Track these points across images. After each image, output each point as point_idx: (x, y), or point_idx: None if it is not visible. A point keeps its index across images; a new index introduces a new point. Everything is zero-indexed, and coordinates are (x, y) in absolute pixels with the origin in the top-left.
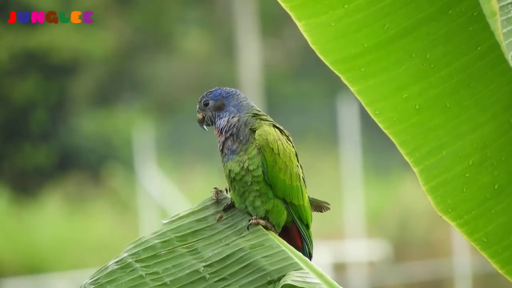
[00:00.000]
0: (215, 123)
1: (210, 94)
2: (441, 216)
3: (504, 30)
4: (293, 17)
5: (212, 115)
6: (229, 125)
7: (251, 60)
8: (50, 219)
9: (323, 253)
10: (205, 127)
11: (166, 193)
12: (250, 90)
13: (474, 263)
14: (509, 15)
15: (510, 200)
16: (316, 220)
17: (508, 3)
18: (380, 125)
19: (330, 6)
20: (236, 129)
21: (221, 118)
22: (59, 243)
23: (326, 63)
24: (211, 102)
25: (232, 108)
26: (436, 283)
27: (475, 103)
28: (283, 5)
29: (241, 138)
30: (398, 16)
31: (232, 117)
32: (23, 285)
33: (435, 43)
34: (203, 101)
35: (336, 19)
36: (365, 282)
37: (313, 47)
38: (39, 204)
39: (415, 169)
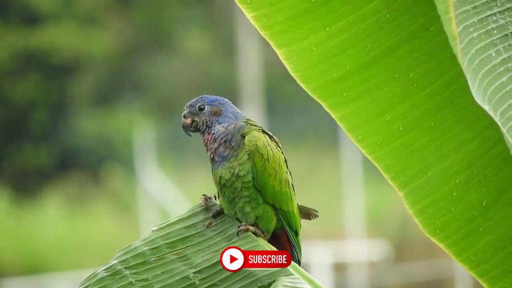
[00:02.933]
0: (211, 128)
1: (205, 99)
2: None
3: (481, 44)
4: (272, 45)
5: (209, 120)
6: (226, 132)
7: (251, 60)
8: (51, 219)
9: (324, 253)
10: (190, 132)
11: (166, 193)
12: (250, 90)
13: None
14: (488, 28)
15: (498, 216)
16: (317, 220)
17: (488, 15)
18: (363, 151)
19: (311, 30)
20: (231, 135)
21: (219, 123)
22: (60, 243)
23: (307, 90)
24: (207, 107)
25: (230, 115)
26: (436, 283)
27: (459, 121)
28: (262, 33)
29: (233, 144)
30: (381, 35)
31: (231, 123)
32: (23, 285)
33: (418, 61)
34: (197, 105)
35: (318, 43)
36: (365, 282)
37: (293, 75)
38: (40, 204)
39: (400, 193)
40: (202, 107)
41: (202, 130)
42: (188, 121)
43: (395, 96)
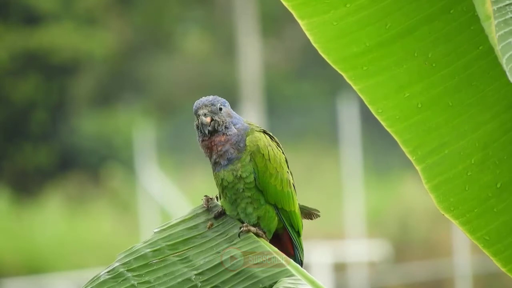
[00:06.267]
0: (228, 129)
1: (221, 99)
2: (442, 216)
3: (500, 32)
4: (295, 15)
5: (226, 121)
6: (238, 134)
7: (251, 60)
8: (51, 219)
9: (324, 253)
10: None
11: (167, 193)
12: (250, 90)
13: (474, 263)
14: (507, 17)
15: None
16: (317, 220)
17: (506, 5)
18: (383, 123)
19: (332, 5)
20: (240, 136)
21: (234, 125)
22: (60, 243)
23: (329, 61)
24: (223, 108)
25: (238, 117)
26: (436, 283)
27: (477, 102)
28: (285, 3)
29: (241, 145)
30: (400, 15)
31: (241, 125)
32: (23, 285)
33: (437, 43)
34: (218, 105)
35: (338, 18)
36: (365, 282)
37: (315, 45)
38: (40, 204)
39: (417, 167)
40: (221, 107)
41: (220, 130)
42: (208, 119)
43: (414, 74)
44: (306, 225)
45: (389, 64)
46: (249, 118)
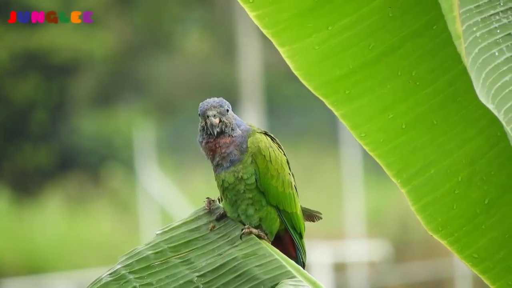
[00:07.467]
0: (234, 131)
1: (226, 102)
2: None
3: (484, 43)
4: (275, 43)
5: (233, 124)
6: (242, 135)
7: (251, 60)
8: (51, 219)
9: (324, 253)
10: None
11: (167, 193)
12: (250, 90)
13: None
14: (491, 27)
15: (501, 214)
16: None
17: (491, 15)
18: (365, 147)
19: (313, 29)
20: (243, 138)
21: (238, 126)
22: (60, 243)
23: (310, 88)
24: (229, 110)
25: (239, 118)
26: (436, 283)
27: (462, 118)
28: (264, 31)
29: (244, 146)
30: (383, 34)
31: (244, 126)
32: (23, 285)
33: (421, 60)
34: (225, 106)
35: (320, 42)
36: (365, 282)
37: (296, 73)
38: (40, 204)
39: (403, 190)
40: (228, 109)
41: (226, 131)
42: (217, 120)
43: (398, 94)
44: (306, 225)
45: (372, 85)
46: (249, 118)
